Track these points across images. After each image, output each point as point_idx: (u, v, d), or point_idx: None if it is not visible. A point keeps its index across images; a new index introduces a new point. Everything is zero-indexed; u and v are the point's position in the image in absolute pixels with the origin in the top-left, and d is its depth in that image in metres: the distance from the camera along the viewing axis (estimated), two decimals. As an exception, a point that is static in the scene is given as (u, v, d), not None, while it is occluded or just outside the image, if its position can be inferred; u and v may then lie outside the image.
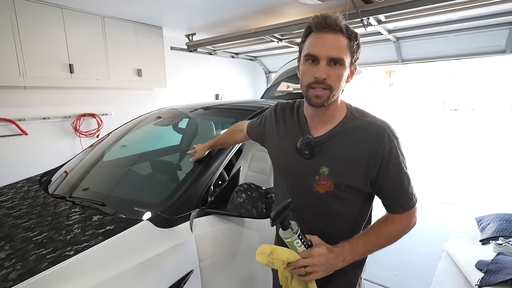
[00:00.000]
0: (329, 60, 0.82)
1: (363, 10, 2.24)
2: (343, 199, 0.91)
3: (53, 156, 2.83)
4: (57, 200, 1.39)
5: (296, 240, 0.80)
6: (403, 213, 0.90)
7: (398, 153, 0.86)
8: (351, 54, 0.84)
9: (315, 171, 0.90)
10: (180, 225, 1.19)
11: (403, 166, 0.87)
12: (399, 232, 0.90)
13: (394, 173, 0.86)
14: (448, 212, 3.56)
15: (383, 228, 0.89)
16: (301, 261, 0.79)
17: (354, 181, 0.88)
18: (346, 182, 0.88)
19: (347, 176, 0.87)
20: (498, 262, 2.11)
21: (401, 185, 0.88)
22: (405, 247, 2.76)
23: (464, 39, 3.19)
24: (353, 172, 0.87)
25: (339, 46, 0.82)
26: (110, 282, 0.94)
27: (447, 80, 20.80)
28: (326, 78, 0.82)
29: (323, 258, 0.79)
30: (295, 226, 0.80)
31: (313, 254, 0.79)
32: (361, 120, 0.90)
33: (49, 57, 2.57)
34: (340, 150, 0.88)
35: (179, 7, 2.90)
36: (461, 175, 5.26)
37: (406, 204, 0.89)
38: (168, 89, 3.89)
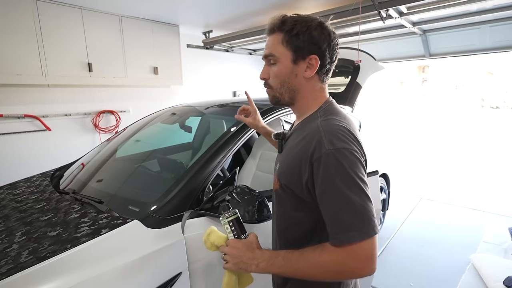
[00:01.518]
0: (266, 60, 0.83)
1: (380, 2, 2.08)
2: (285, 201, 0.84)
3: (74, 151, 2.97)
4: (61, 196, 1.44)
5: (226, 225, 0.83)
6: (337, 246, 0.67)
7: (330, 164, 0.67)
8: (290, 47, 0.78)
9: (276, 167, 0.91)
10: (171, 226, 1.18)
11: (339, 182, 0.67)
12: (326, 266, 0.68)
13: (323, 187, 0.69)
14: (477, 220, 3.27)
15: (309, 253, 0.71)
16: (221, 248, 0.83)
17: (291, 183, 0.79)
18: (285, 182, 0.82)
19: (285, 175, 0.82)
20: (530, 280, 1.90)
21: (333, 207, 0.68)
22: (425, 255, 2.58)
23: (501, 30, 2.88)
24: (291, 172, 0.79)
25: (272, 44, 0.81)
26: (92, 282, 0.95)
27: (488, 75, 19.23)
28: (267, 78, 0.85)
29: (236, 252, 0.79)
30: (230, 214, 0.83)
31: (230, 244, 0.81)
32: (316, 119, 0.80)
33: (69, 57, 2.70)
34: (289, 148, 0.86)
35: (195, 4, 2.91)
36: (497, 180, 4.81)
37: (335, 234, 0.67)
38: (184, 87, 3.93)
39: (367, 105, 7.44)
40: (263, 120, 1.61)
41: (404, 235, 2.94)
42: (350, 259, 0.66)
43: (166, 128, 2.20)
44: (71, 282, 0.92)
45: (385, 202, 2.96)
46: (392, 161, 5.82)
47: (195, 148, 2.30)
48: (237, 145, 1.48)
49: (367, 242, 0.65)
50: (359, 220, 0.65)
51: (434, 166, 5.72)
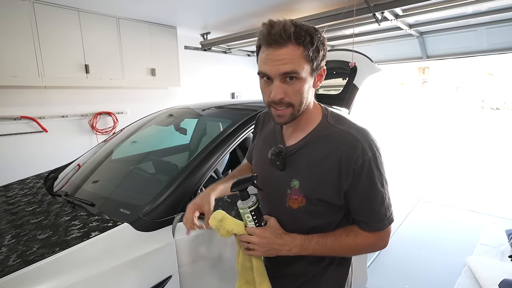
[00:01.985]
0: (283, 76, 0.73)
1: (376, 4, 2.08)
2: (318, 214, 0.83)
3: (71, 152, 2.97)
4: (53, 198, 1.44)
5: (248, 214, 0.81)
6: (370, 232, 0.82)
7: (372, 167, 0.76)
8: (310, 61, 0.73)
9: (287, 184, 0.83)
10: (162, 229, 1.17)
11: (377, 182, 0.77)
12: (360, 247, 0.83)
13: (364, 188, 0.77)
14: (474, 222, 3.26)
15: (343, 238, 0.82)
16: (243, 237, 0.82)
17: (326, 195, 0.80)
18: (318, 197, 0.80)
19: (319, 189, 0.79)
20: (525, 283, 1.89)
21: (371, 203, 0.78)
22: (422, 257, 2.57)
23: (497, 32, 2.89)
24: (325, 185, 0.79)
25: (291, 59, 0.71)
26: (80, 286, 0.94)
27: (488, 77, 19.21)
28: (284, 97, 0.74)
29: (265, 241, 0.80)
30: (252, 201, 0.81)
31: (257, 233, 0.80)
32: (336, 128, 0.80)
33: (66, 58, 2.70)
34: (312, 161, 0.80)
35: (193, 6, 2.92)
36: (495, 182, 4.80)
37: (375, 225, 0.80)
38: (183, 88, 3.94)
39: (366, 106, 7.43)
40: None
41: (401, 237, 2.93)
42: (380, 241, 0.82)
43: (162, 130, 2.20)
44: (58, 286, 0.91)
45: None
46: (391, 162, 5.81)
47: (192, 150, 2.30)
48: (231, 147, 1.47)
49: (390, 226, 0.82)
50: (388, 211, 0.80)
51: (433, 168, 5.71)
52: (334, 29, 2.84)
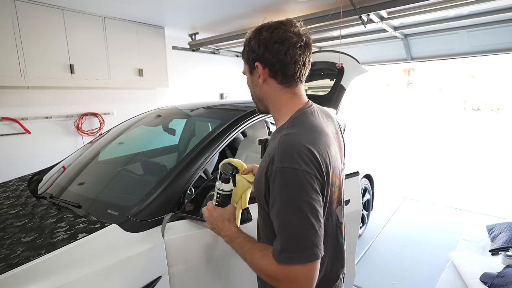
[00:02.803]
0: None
1: (361, 6, 2.13)
2: (261, 209, 0.83)
3: (55, 154, 2.89)
4: (38, 201, 1.41)
5: (215, 193, 0.95)
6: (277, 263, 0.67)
7: (278, 182, 0.67)
8: (244, 60, 0.87)
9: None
10: (151, 229, 1.17)
11: (281, 202, 0.67)
12: (261, 270, 0.72)
13: (271, 203, 0.71)
14: (457, 219, 3.37)
15: (256, 252, 0.74)
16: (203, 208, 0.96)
17: (257, 192, 0.80)
18: (255, 193, 0.83)
19: (255, 186, 0.82)
20: (505, 276, 1.97)
21: (278, 225, 0.68)
22: (408, 254, 2.64)
23: (478, 35, 2.99)
24: (257, 184, 0.79)
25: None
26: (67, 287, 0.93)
27: (470, 78, 19.88)
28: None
29: (211, 219, 0.91)
30: (227, 188, 0.93)
31: (209, 209, 0.93)
32: (282, 131, 0.76)
33: (50, 58, 2.63)
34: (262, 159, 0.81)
35: (180, 7, 2.90)
36: (477, 179, 4.98)
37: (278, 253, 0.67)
38: (171, 89, 3.91)
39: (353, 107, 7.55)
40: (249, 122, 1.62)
41: (387, 235, 3.00)
42: (280, 277, 0.66)
43: (150, 131, 2.17)
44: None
45: (369, 203, 3.01)
46: (377, 162, 5.93)
47: (180, 151, 2.28)
48: (219, 148, 1.47)
49: (298, 267, 0.64)
50: (294, 243, 0.65)
51: (418, 167, 5.87)
52: (321, 30, 2.89)
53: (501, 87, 18.65)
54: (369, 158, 3.63)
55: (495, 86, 18.83)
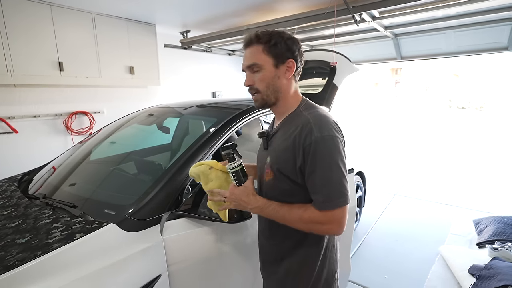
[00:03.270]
0: (249, 68, 0.95)
1: (354, 6, 2.16)
2: (280, 188, 0.96)
3: (44, 154, 2.82)
4: (30, 201, 1.37)
5: (231, 174, 1.00)
6: (320, 211, 0.86)
7: (320, 148, 0.85)
8: (271, 55, 0.92)
9: (265, 160, 1.00)
10: (150, 228, 1.16)
11: (325, 163, 0.85)
12: (305, 221, 0.88)
13: (312, 168, 0.86)
14: (446, 214, 3.47)
15: (296, 209, 0.90)
16: (221, 191, 1.02)
17: (285, 168, 0.92)
18: (281, 170, 0.93)
19: (279, 163, 0.94)
20: (491, 268, 2.04)
21: (320, 181, 0.85)
22: (398, 249, 2.70)
23: (464, 35, 3.09)
24: (283, 160, 0.92)
25: (253, 54, 0.94)
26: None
27: (455, 78, 20.42)
28: (252, 84, 0.96)
29: (234, 197, 0.98)
30: (235, 164, 0.99)
31: (230, 190, 1.00)
32: (301, 113, 0.95)
33: (38, 55, 2.56)
34: (279, 141, 0.96)
35: (171, 4, 2.87)
36: (463, 176, 5.13)
37: (322, 204, 0.86)
38: (163, 87, 3.86)
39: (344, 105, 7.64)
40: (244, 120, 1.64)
41: (379, 231, 3.06)
42: (328, 223, 0.86)
43: (143, 130, 2.15)
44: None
45: (361, 199, 3.06)
46: (368, 159, 6.04)
47: (174, 150, 2.26)
48: (216, 146, 1.48)
49: (338, 210, 0.85)
50: (335, 193, 0.85)
51: (407, 164, 6.00)
52: (314, 29, 2.91)
53: (484, 86, 19.24)
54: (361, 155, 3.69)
55: (479, 85, 19.42)
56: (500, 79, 18.12)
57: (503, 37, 2.95)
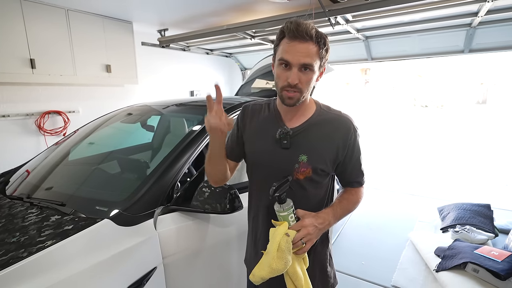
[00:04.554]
0: (300, 66, 0.91)
1: (330, 10, 2.30)
2: (318, 182, 1.03)
3: (14, 155, 2.68)
4: (13, 202, 1.34)
5: (291, 214, 0.91)
6: (359, 187, 1.09)
7: (358, 141, 1.03)
8: (320, 59, 0.94)
9: (295, 160, 0.99)
10: (144, 222, 1.19)
11: (361, 150, 1.05)
12: (358, 201, 1.09)
13: (356, 156, 1.03)
14: (413, 203, 3.76)
15: (350, 198, 1.07)
16: (297, 235, 0.90)
17: (327, 165, 1.00)
18: (322, 167, 1.00)
19: (322, 161, 1.00)
20: (454, 248, 2.28)
21: (360, 166, 1.06)
22: (373, 238, 2.89)
23: (427, 39, 3.36)
24: (326, 158, 1.00)
25: (309, 54, 0.90)
26: (65, 283, 0.93)
27: (418, 78, 21.75)
28: (298, 83, 0.92)
29: (313, 227, 0.92)
30: (290, 202, 0.92)
31: (304, 225, 0.91)
32: (330, 113, 1.04)
33: (7, 52, 2.43)
34: (316, 139, 1.00)
35: (148, 2, 2.83)
36: (428, 168, 5.56)
37: (362, 180, 1.09)
38: (140, 86, 3.79)
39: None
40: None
41: (354, 222, 3.25)
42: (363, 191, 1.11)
43: (123, 129, 2.13)
44: (41, 286, 0.89)
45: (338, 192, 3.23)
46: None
47: (156, 148, 2.27)
48: (204, 143, 1.52)
49: None
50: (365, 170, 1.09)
51: (377, 158, 6.37)
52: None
53: (444, 86, 20.74)
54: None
55: (439, 85, 20.88)
56: (458, 79, 19.64)
57: (459, 41, 3.26)
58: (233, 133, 1.17)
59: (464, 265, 2.06)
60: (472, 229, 2.59)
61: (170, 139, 2.10)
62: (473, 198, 3.63)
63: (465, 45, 3.25)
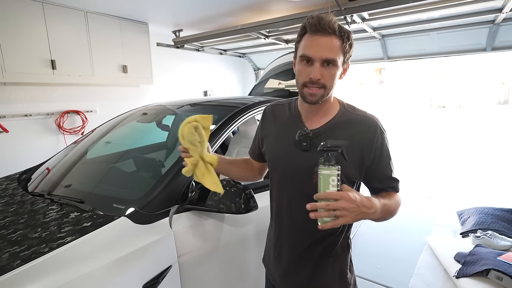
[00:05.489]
0: (323, 61, 0.86)
1: (346, 8, 2.26)
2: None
3: (35, 153, 2.78)
4: (35, 198, 1.38)
5: (333, 177, 0.76)
6: (397, 192, 1.00)
7: (387, 143, 0.96)
8: (344, 54, 0.88)
9: (314, 162, 0.88)
10: (159, 221, 1.20)
11: (390, 154, 0.98)
12: (399, 203, 0.97)
13: (386, 161, 0.96)
14: (431, 207, 3.65)
15: (391, 198, 0.95)
16: (332, 203, 0.75)
17: (350, 170, 0.92)
18: (344, 171, 0.86)
19: (343, 165, 0.86)
20: (475, 254, 2.18)
21: (391, 172, 0.98)
22: (389, 241, 2.83)
23: (446, 37, 3.25)
24: (350, 162, 0.89)
25: (332, 48, 0.85)
26: (84, 278, 0.94)
27: (435, 78, 21.14)
28: (320, 78, 0.87)
29: (355, 205, 0.76)
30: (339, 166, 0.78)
31: (346, 197, 0.75)
32: (354, 114, 0.97)
33: (30, 53, 2.52)
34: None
35: (164, 3, 2.88)
36: (445, 170, 5.38)
37: (398, 186, 1.00)
38: (155, 86, 3.85)
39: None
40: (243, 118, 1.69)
41: (369, 224, 3.18)
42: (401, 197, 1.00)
43: (139, 128, 2.16)
44: (61, 281, 0.91)
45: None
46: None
47: (170, 147, 2.29)
48: (217, 143, 1.52)
49: None
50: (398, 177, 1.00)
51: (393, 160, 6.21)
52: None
53: (462, 86, 20.06)
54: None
55: (458, 84, 20.22)
56: (478, 78, 18.95)
57: (482, 39, 3.14)
58: (256, 136, 1.16)
59: (486, 272, 1.97)
60: (494, 235, 2.48)
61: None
62: (495, 202, 3.49)
63: (487, 43, 3.12)
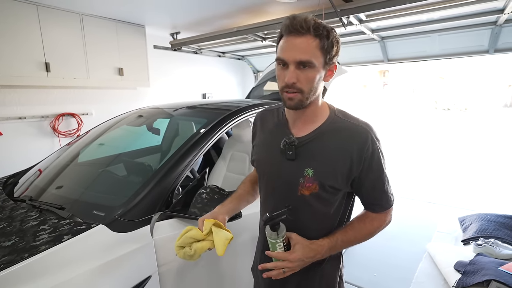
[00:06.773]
0: (297, 63, 0.80)
1: (342, 9, 2.21)
2: (327, 200, 0.90)
3: (30, 156, 2.74)
4: (16, 204, 1.35)
5: (280, 243, 0.85)
6: (381, 212, 0.93)
7: (380, 155, 0.88)
8: (324, 54, 0.80)
9: (300, 173, 0.88)
10: (140, 229, 1.15)
11: (384, 167, 0.90)
12: (375, 230, 0.93)
13: (376, 174, 0.88)
14: (432, 212, 3.56)
15: (362, 226, 0.92)
16: (279, 263, 0.85)
17: (337, 182, 0.87)
18: (331, 183, 0.86)
19: (332, 177, 0.86)
20: (475, 263, 2.10)
21: (382, 186, 0.90)
22: (387, 248, 2.75)
23: (448, 39, 3.18)
24: (337, 173, 0.86)
25: (307, 49, 0.78)
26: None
27: (440, 80, 20.96)
28: (296, 82, 0.81)
29: (298, 262, 0.85)
30: (282, 231, 0.85)
31: (290, 259, 0.84)
32: (345, 121, 0.89)
33: (24, 56, 2.51)
34: (325, 151, 0.87)
35: (160, 5, 2.86)
36: (449, 175, 5.27)
37: (386, 203, 0.93)
38: (152, 89, 3.83)
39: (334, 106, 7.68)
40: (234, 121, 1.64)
41: (368, 229, 3.11)
42: (390, 216, 0.96)
43: (132, 131, 2.13)
44: (30, 293, 0.87)
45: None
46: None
47: (164, 151, 2.25)
48: (206, 147, 1.48)
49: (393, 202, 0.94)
50: (392, 189, 0.93)
51: (394, 163, 6.12)
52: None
53: (468, 88, 19.84)
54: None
55: (463, 87, 20.00)
56: (483, 81, 18.73)
57: (484, 41, 3.06)
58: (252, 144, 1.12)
59: (487, 283, 1.89)
60: (497, 243, 2.39)
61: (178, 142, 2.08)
62: (498, 208, 3.39)
63: (490, 44, 3.05)
